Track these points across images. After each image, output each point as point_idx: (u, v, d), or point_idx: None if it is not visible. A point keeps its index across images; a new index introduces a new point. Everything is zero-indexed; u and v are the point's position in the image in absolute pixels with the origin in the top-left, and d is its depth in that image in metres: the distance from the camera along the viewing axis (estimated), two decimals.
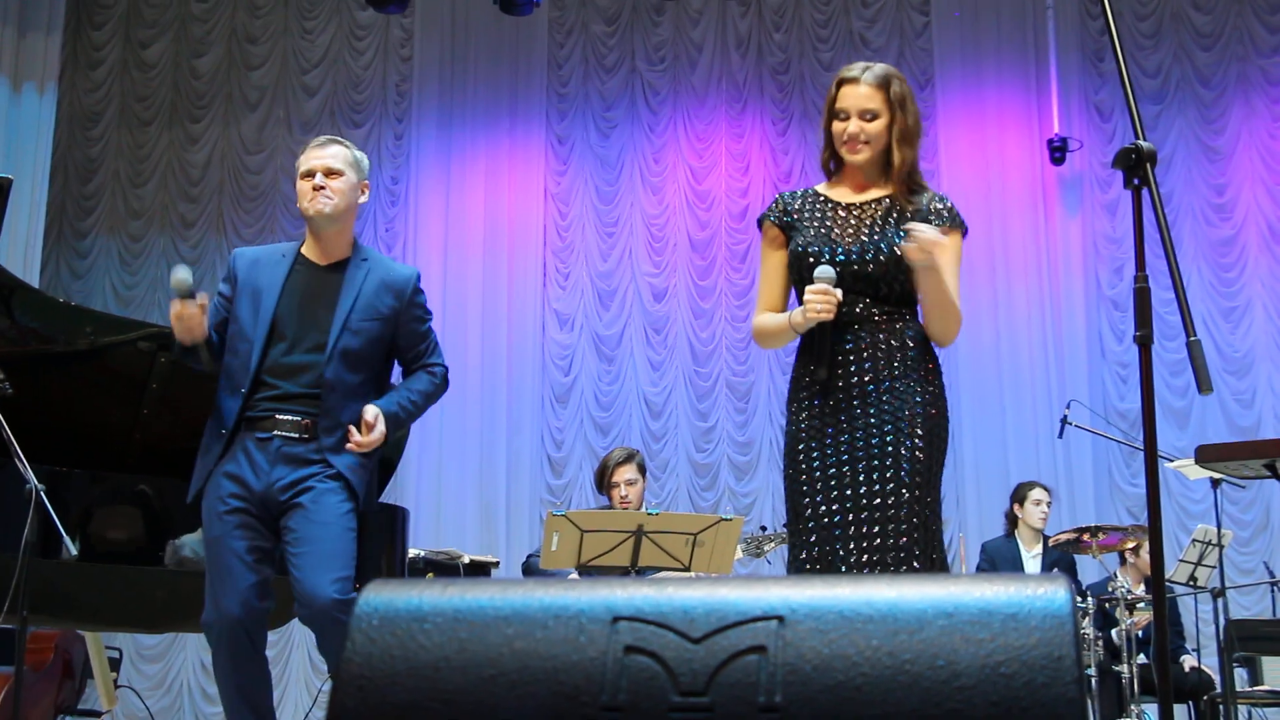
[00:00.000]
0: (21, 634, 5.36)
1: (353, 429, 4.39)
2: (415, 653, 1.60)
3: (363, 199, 4.66)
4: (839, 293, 3.67)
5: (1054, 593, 1.61)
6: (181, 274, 4.29)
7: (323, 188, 4.47)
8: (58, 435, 5.66)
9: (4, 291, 5.68)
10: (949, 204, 3.90)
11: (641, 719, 1.54)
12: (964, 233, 3.91)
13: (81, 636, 8.41)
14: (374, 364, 4.57)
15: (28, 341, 5.77)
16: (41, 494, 5.04)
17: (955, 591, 1.63)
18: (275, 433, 4.36)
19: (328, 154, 4.54)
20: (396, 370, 4.81)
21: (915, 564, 3.60)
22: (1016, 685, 1.52)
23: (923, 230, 3.59)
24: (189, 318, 4.28)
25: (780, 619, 1.60)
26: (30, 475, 4.99)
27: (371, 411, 4.41)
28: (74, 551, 5.08)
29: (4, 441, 5.04)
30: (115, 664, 9.23)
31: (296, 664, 10.92)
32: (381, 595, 1.65)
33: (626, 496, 7.02)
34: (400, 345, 4.68)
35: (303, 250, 4.62)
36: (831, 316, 3.66)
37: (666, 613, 1.61)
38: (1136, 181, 3.17)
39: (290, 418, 4.37)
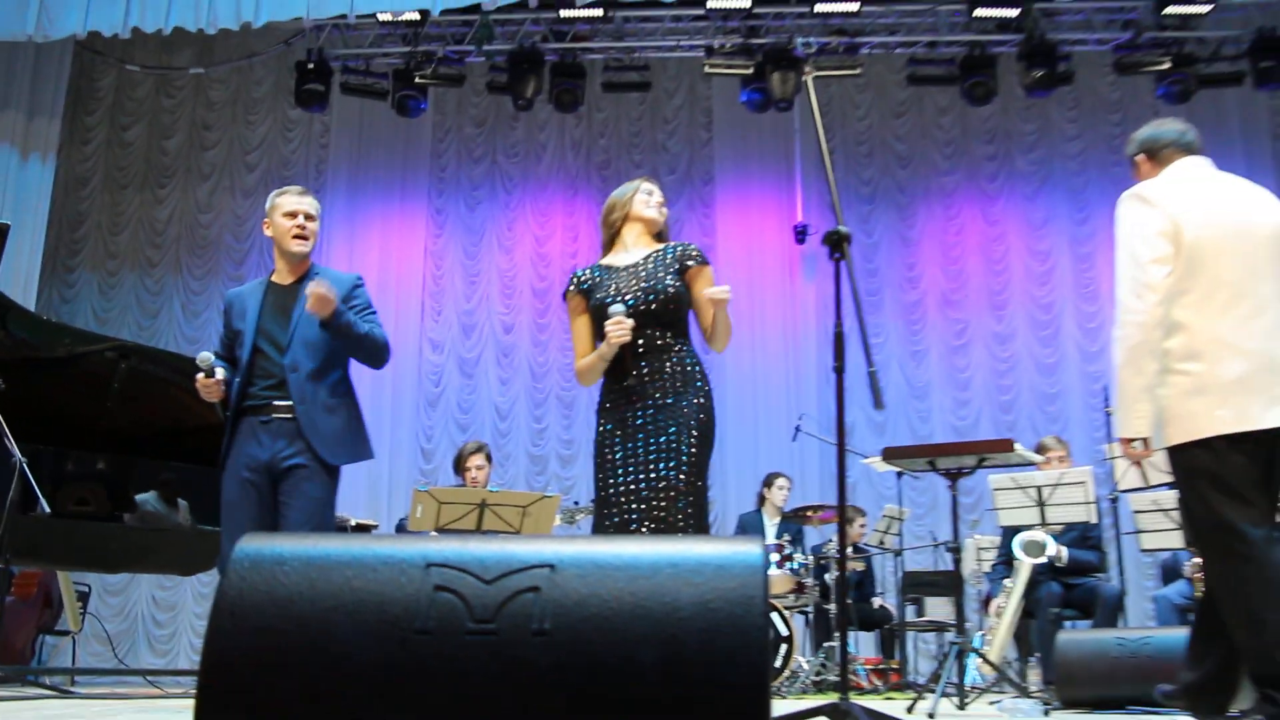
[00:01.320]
0: (5, 573, 5.15)
1: (316, 284, 4.16)
2: (276, 589, 1.57)
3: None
4: (631, 321, 3.70)
5: (751, 551, 1.64)
6: (205, 354, 4.15)
7: (303, 228, 4.36)
8: (40, 421, 5.47)
9: (1, 311, 5.49)
10: (695, 248, 3.93)
11: (445, 641, 1.53)
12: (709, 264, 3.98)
13: (57, 574, 8.13)
14: (328, 350, 4.31)
15: (19, 349, 5.58)
16: (23, 464, 4.88)
17: (680, 548, 1.65)
18: (273, 416, 4.17)
19: (306, 202, 4.42)
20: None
21: (689, 531, 3.60)
22: (720, 616, 1.54)
23: (719, 289, 3.70)
24: (208, 387, 4.15)
25: (552, 567, 1.61)
26: (15, 449, 4.82)
27: (326, 285, 4.17)
28: (46, 510, 4.90)
29: None
30: (85, 597, 8.89)
31: None
32: (253, 544, 1.62)
33: (476, 478, 6.97)
34: None
35: (272, 278, 4.43)
36: (629, 338, 3.69)
37: (467, 561, 1.61)
38: (837, 255, 3.27)
39: (282, 401, 4.18)
